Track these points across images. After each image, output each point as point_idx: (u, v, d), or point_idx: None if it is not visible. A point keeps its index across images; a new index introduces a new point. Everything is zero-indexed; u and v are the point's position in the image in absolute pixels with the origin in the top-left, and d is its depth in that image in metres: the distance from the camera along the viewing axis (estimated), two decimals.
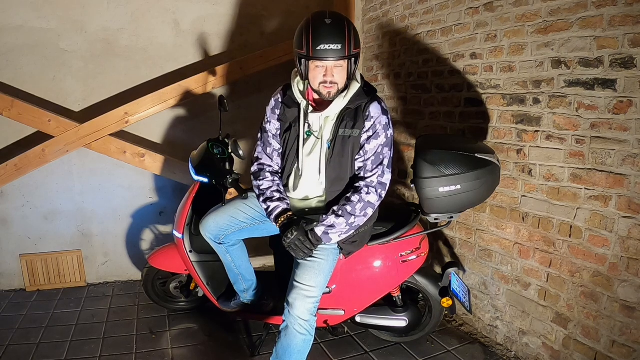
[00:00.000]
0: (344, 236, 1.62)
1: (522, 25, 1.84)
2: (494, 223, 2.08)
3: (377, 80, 2.94)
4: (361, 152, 1.61)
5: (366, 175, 1.60)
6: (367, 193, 1.58)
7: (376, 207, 1.64)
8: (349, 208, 1.57)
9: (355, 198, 1.58)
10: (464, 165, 1.68)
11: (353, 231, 1.63)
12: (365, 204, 1.58)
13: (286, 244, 1.56)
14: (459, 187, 1.68)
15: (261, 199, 1.68)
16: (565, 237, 1.73)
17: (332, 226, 1.57)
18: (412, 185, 1.77)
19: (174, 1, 2.73)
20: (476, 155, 1.71)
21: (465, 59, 2.17)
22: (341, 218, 1.57)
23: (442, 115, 2.36)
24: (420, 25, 2.48)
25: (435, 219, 1.85)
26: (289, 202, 1.68)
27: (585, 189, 1.64)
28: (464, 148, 1.75)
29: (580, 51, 1.61)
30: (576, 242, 1.69)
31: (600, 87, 1.56)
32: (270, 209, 1.64)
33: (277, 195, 1.66)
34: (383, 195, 1.63)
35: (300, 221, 1.60)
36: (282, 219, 1.60)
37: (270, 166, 1.73)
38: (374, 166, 1.60)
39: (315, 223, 1.60)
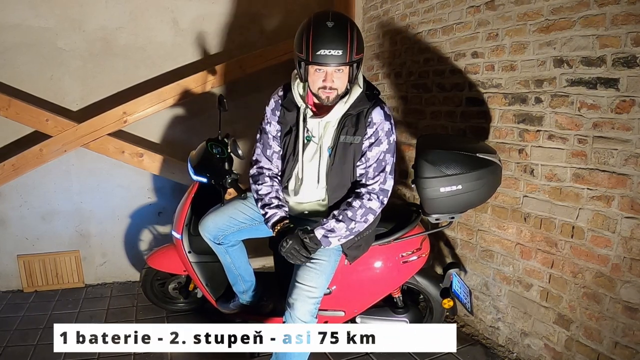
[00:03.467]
0: (343, 240, 1.60)
1: (523, 24, 1.83)
2: (496, 223, 2.07)
3: (377, 80, 2.92)
4: (363, 158, 1.58)
5: (368, 183, 1.57)
6: (369, 199, 1.56)
7: (378, 213, 1.62)
8: (349, 213, 1.55)
9: (356, 204, 1.56)
10: (465, 165, 1.66)
11: (353, 236, 1.61)
12: (367, 210, 1.56)
13: (282, 253, 1.53)
14: (460, 187, 1.67)
15: (259, 204, 1.65)
16: (567, 237, 1.72)
17: (332, 230, 1.55)
18: (412, 185, 1.76)
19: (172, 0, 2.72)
20: (477, 155, 1.70)
21: (466, 58, 2.16)
22: (341, 223, 1.55)
23: (443, 115, 2.35)
24: (421, 23, 2.47)
25: (436, 220, 1.84)
26: (287, 209, 1.65)
27: (588, 189, 1.63)
28: (465, 148, 1.74)
29: (583, 50, 1.60)
30: (578, 243, 1.68)
31: (603, 86, 1.54)
32: (268, 216, 1.61)
33: (275, 202, 1.63)
34: (385, 202, 1.61)
35: (297, 229, 1.56)
36: (279, 227, 1.58)
37: (269, 169, 1.69)
38: (376, 173, 1.57)
39: (313, 227, 1.58)
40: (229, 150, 2.01)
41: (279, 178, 1.70)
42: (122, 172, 2.77)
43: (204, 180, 2.01)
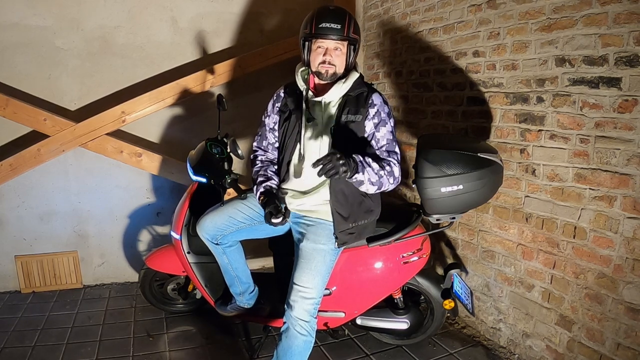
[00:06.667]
0: (365, 184, 1.53)
1: (525, 23, 1.82)
2: (497, 224, 2.05)
3: (378, 79, 2.91)
4: (373, 141, 1.63)
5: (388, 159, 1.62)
6: (395, 165, 1.60)
7: (394, 183, 1.61)
8: (381, 163, 1.55)
9: (384, 163, 1.57)
10: (466, 165, 1.65)
11: (376, 187, 1.56)
12: (391, 171, 1.58)
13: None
14: (461, 187, 1.65)
15: (254, 184, 1.75)
16: (569, 238, 1.71)
17: (368, 164, 1.50)
18: (413, 185, 1.75)
19: None
20: (479, 154, 1.68)
21: (467, 57, 2.14)
22: (375, 163, 1.52)
23: (444, 114, 2.34)
24: (421, 22, 2.46)
25: (437, 220, 1.83)
26: (270, 183, 1.71)
27: (590, 189, 1.62)
28: (466, 147, 1.73)
29: (585, 49, 1.59)
30: (580, 243, 1.67)
31: (605, 85, 1.53)
32: (255, 192, 1.72)
33: (261, 178, 1.74)
34: (399, 180, 1.64)
35: (275, 199, 1.63)
36: (261, 199, 1.68)
37: (262, 155, 1.83)
38: (391, 150, 1.63)
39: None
40: (228, 150, 2.00)
41: (271, 162, 1.82)
42: (121, 172, 2.76)
43: (203, 180, 2.00)
